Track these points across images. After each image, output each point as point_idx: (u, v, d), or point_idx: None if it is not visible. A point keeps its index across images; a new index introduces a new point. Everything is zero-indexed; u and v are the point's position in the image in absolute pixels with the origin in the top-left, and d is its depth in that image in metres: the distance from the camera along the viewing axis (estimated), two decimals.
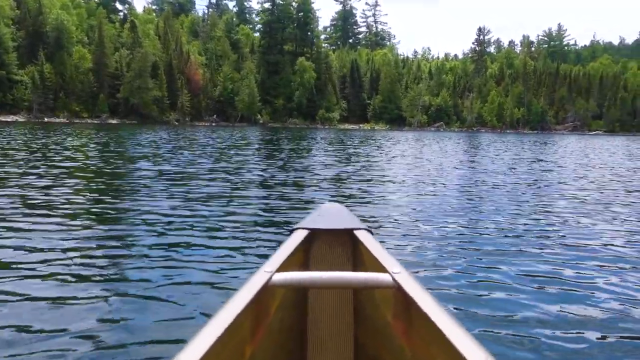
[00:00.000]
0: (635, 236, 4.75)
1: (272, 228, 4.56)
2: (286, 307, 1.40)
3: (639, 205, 6.71)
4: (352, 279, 1.21)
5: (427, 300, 1.04)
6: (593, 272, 3.56)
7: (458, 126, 79.92)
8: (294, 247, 1.39)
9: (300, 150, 17.20)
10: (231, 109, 70.63)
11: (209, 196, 6.26)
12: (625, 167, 13.44)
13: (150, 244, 3.81)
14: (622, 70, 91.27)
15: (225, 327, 0.93)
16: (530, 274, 3.46)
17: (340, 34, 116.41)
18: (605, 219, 5.56)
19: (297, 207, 5.68)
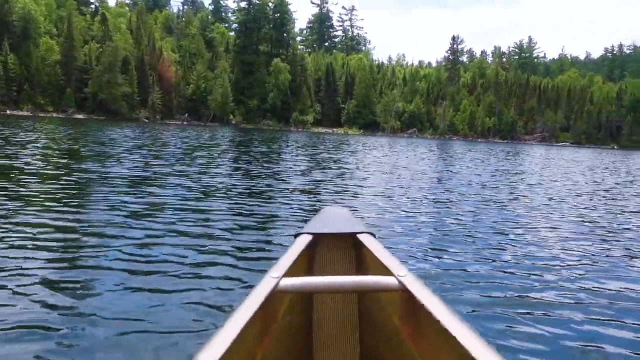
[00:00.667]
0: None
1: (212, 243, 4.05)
2: (293, 312, 1.41)
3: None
4: (358, 283, 1.23)
5: (436, 302, 1.04)
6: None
7: (431, 133, 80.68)
8: (299, 252, 1.41)
9: (271, 154, 16.68)
10: (204, 109, 69.44)
11: (152, 206, 5.46)
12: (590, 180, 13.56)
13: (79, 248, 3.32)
14: (589, 84, 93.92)
15: (236, 334, 0.94)
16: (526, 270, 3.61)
17: (316, 37, 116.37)
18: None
19: (253, 227, 4.80)
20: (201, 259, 3.59)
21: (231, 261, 3.57)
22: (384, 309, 1.38)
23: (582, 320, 2.79)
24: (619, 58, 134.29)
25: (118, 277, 3.11)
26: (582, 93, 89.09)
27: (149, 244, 3.91)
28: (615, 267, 4.06)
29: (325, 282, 1.21)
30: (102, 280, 3.05)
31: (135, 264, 3.37)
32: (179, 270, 3.28)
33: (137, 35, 67.20)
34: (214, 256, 3.66)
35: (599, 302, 3.13)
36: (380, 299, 1.41)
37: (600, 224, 6.14)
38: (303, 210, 5.96)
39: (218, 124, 67.29)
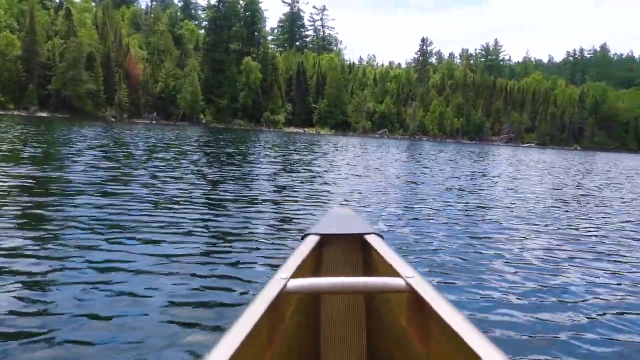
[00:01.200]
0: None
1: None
2: (300, 313, 1.42)
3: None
4: (365, 284, 1.23)
5: (443, 304, 1.04)
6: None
7: (401, 134, 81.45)
8: (307, 253, 1.42)
9: (236, 156, 16.33)
10: (173, 107, 68.14)
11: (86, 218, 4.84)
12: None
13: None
14: (552, 86, 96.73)
15: (245, 334, 0.94)
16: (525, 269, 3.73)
17: (287, 36, 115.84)
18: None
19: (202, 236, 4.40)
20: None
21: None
22: (391, 309, 1.38)
23: (595, 322, 2.79)
24: (580, 62, 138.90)
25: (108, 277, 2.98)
26: (546, 95, 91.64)
27: (106, 257, 3.69)
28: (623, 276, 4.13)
29: (333, 283, 1.22)
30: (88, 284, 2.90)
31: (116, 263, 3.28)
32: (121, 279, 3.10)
33: (102, 30, 65.39)
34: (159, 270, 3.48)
35: (616, 306, 3.14)
36: (387, 300, 1.41)
37: (602, 234, 5.99)
38: (263, 221, 5.38)
39: (188, 123, 66.14)
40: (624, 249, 5.09)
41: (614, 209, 8.39)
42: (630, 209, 8.61)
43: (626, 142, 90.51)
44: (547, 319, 2.83)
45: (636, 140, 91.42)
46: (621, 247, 5.17)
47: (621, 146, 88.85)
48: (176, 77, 69.26)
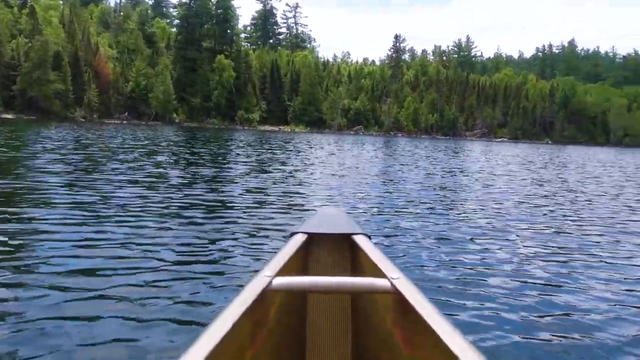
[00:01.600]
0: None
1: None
2: (285, 312, 1.42)
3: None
4: (350, 284, 1.23)
5: (426, 306, 1.04)
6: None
7: (376, 130, 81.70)
8: (293, 251, 1.42)
9: (211, 156, 15.99)
10: (144, 107, 66.79)
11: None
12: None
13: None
14: (523, 81, 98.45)
15: (225, 331, 0.93)
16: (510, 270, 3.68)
17: (260, 34, 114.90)
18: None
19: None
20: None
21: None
22: (376, 310, 1.38)
23: (580, 324, 2.74)
24: (549, 57, 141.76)
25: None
26: (518, 90, 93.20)
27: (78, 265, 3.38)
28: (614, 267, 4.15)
29: (318, 282, 1.21)
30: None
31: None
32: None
33: (69, 29, 63.59)
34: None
35: (599, 307, 3.09)
36: (373, 301, 1.40)
37: (591, 231, 5.85)
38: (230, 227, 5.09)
39: (160, 123, 64.96)
40: (618, 245, 5.04)
41: (601, 204, 8.26)
42: (617, 203, 8.49)
43: (594, 136, 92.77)
44: (532, 319, 2.79)
45: (604, 133, 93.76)
46: (615, 243, 5.12)
47: (590, 139, 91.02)
48: (147, 76, 67.90)
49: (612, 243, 5.06)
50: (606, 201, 8.74)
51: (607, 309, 3.06)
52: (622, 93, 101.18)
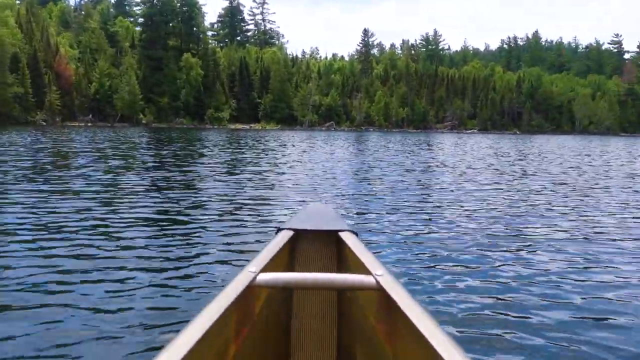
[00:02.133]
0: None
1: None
2: (270, 307, 1.41)
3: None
4: (336, 281, 1.23)
5: (409, 302, 1.05)
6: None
7: (348, 125, 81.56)
8: (279, 247, 1.42)
9: (172, 158, 15.34)
10: (110, 108, 64.92)
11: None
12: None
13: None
14: (491, 73, 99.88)
15: (208, 326, 0.93)
16: (498, 269, 3.61)
17: (227, 31, 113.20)
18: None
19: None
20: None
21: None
22: (361, 307, 1.37)
23: (563, 323, 2.68)
24: (514, 49, 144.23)
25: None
26: (485, 82, 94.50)
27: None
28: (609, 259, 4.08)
29: (304, 278, 1.21)
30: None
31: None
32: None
33: (27, 29, 61.28)
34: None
35: (579, 305, 3.01)
36: (358, 297, 1.40)
37: (585, 225, 5.60)
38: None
39: (127, 124, 63.30)
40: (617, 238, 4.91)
41: (592, 197, 7.87)
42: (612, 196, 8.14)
43: (561, 124, 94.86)
44: (515, 315, 2.76)
45: (570, 122, 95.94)
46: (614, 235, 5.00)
47: (557, 128, 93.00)
48: (112, 76, 66.00)
49: (612, 242, 4.73)
50: (597, 194, 8.27)
51: (607, 308, 2.96)
52: (585, 82, 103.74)
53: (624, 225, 5.53)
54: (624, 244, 4.58)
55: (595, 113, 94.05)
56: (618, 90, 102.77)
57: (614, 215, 6.16)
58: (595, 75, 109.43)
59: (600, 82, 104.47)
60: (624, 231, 5.20)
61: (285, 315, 1.56)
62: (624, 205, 7.04)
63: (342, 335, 1.56)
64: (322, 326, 1.59)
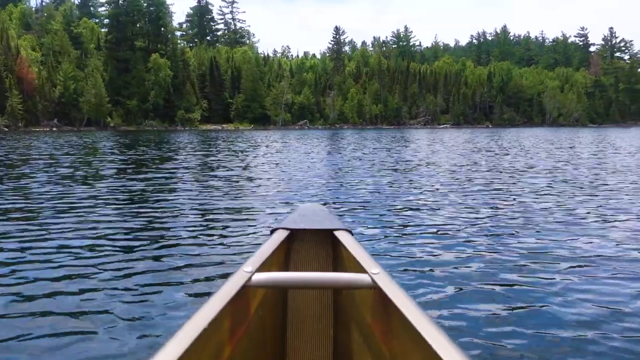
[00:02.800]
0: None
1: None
2: (266, 307, 1.41)
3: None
4: (331, 280, 1.24)
5: (405, 300, 1.05)
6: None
7: (322, 124, 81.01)
8: (275, 247, 1.42)
9: (143, 162, 14.44)
10: (75, 112, 62.78)
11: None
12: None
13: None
14: (462, 68, 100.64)
15: (203, 326, 0.93)
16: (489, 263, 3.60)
17: (196, 31, 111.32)
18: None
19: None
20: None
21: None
22: (357, 306, 1.37)
23: (563, 323, 2.60)
24: (484, 44, 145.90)
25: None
26: (457, 77, 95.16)
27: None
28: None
29: (299, 278, 1.21)
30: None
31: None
32: None
33: None
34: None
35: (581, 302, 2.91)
36: (354, 296, 1.40)
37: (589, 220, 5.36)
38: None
39: (94, 128, 61.38)
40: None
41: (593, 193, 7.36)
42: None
43: (532, 117, 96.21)
44: (512, 312, 2.72)
45: (540, 114, 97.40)
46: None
47: (528, 121, 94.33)
48: (77, 79, 63.85)
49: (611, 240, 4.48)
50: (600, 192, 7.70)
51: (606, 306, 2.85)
52: (554, 75, 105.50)
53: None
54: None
55: (565, 105, 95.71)
56: (585, 83, 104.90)
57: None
58: (563, 68, 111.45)
59: (568, 74, 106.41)
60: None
61: (281, 315, 1.55)
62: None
63: (339, 334, 1.55)
64: (318, 325, 1.58)
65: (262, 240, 1.50)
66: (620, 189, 7.58)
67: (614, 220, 5.18)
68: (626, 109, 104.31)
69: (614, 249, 4.03)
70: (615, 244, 4.16)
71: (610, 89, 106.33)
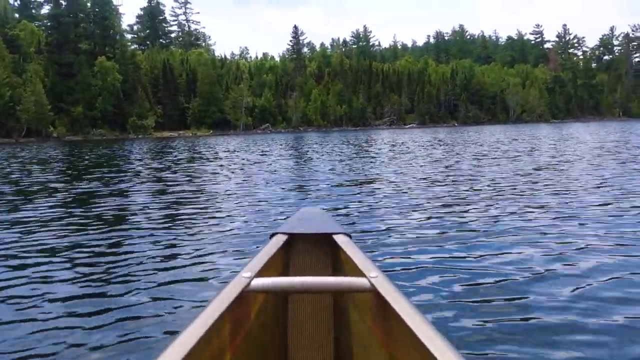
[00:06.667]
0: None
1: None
2: (266, 312, 1.41)
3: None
4: (331, 284, 1.24)
5: (403, 303, 1.05)
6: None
7: (284, 127, 77.62)
8: (273, 252, 1.41)
9: (65, 182, 10.74)
10: (13, 122, 56.90)
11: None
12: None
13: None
14: (424, 66, 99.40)
15: (203, 332, 0.92)
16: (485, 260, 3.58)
17: (148, 33, 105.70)
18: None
19: None
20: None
21: None
22: (357, 309, 1.37)
23: (562, 326, 2.52)
24: (441, 43, 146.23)
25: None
26: (420, 75, 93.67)
27: None
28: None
29: (298, 282, 1.21)
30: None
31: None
32: None
33: None
34: None
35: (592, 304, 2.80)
36: (354, 300, 1.40)
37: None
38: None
39: (35, 139, 55.76)
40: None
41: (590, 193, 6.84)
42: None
43: (496, 114, 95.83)
44: (513, 316, 2.66)
45: (504, 111, 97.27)
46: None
47: (492, 118, 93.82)
48: (13, 86, 57.94)
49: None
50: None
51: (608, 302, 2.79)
52: (514, 72, 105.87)
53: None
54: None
55: (527, 101, 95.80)
56: (545, 78, 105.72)
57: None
58: (522, 65, 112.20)
59: (528, 71, 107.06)
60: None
61: (280, 320, 1.54)
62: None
63: (339, 338, 1.54)
64: (319, 330, 1.56)
65: (261, 245, 1.47)
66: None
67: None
68: (585, 104, 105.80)
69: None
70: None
71: (569, 84, 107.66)
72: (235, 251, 4.07)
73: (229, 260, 3.79)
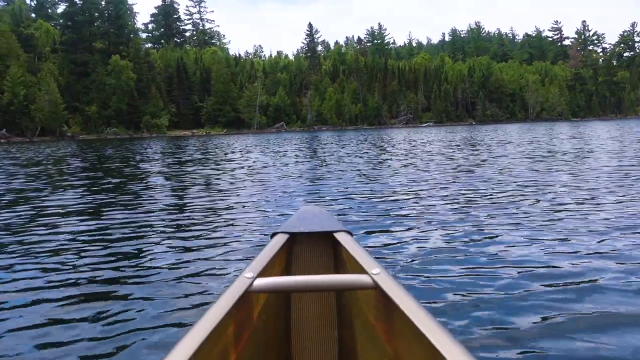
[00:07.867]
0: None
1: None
2: (269, 312, 1.41)
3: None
4: (333, 282, 1.24)
5: (406, 299, 1.05)
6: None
7: (299, 126, 76.69)
8: (275, 251, 1.42)
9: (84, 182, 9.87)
10: (27, 120, 56.85)
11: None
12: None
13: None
14: (441, 64, 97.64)
15: (207, 334, 0.93)
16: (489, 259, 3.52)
17: (162, 31, 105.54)
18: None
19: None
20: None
21: None
22: (360, 307, 1.37)
23: (564, 323, 2.49)
24: (457, 41, 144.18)
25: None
26: (436, 73, 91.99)
27: None
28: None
29: (301, 281, 1.21)
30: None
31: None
32: None
33: None
34: None
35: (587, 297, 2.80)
36: (356, 297, 1.41)
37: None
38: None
39: (49, 138, 55.63)
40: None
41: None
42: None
43: (515, 112, 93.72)
44: (516, 312, 2.62)
45: (523, 109, 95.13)
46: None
47: (511, 117, 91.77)
48: (28, 84, 57.88)
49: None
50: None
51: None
52: (533, 69, 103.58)
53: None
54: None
55: (547, 99, 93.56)
56: (565, 76, 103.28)
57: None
58: (541, 62, 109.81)
59: (547, 68, 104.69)
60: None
61: (284, 319, 1.55)
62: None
63: (342, 336, 1.54)
64: (322, 328, 1.57)
65: (263, 245, 1.48)
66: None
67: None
68: (606, 102, 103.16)
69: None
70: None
71: (590, 81, 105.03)
72: (239, 250, 3.98)
73: (232, 259, 3.72)
